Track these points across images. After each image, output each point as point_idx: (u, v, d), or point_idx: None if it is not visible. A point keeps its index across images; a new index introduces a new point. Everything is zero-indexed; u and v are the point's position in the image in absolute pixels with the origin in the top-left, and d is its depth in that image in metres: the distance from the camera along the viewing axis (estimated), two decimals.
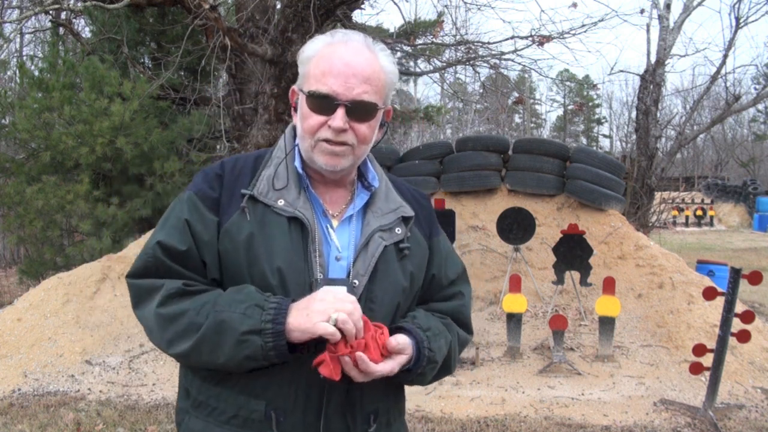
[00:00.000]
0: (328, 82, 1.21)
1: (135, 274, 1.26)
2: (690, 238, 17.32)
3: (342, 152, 1.25)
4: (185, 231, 1.24)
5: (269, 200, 1.25)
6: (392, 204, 1.35)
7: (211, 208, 1.26)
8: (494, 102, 15.31)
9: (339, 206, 1.33)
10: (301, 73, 1.28)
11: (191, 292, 1.21)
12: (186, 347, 1.17)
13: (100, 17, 8.12)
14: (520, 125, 39.67)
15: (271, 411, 1.21)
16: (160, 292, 1.20)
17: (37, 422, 4.07)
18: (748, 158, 31.60)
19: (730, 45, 10.52)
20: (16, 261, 11.28)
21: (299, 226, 1.25)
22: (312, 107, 1.23)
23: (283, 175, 1.29)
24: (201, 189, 1.28)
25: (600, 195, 6.86)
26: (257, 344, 1.13)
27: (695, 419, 4.17)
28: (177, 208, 1.28)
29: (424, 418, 4.16)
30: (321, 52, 1.24)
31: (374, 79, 1.23)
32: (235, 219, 1.24)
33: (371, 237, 1.28)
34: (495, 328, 5.82)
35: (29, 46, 15.23)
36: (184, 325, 1.17)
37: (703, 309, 5.56)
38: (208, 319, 1.16)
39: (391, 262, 1.30)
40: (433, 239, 1.42)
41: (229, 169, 1.31)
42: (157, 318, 1.20)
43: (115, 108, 6.81)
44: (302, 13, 6.14)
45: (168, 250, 1.23)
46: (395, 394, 1.38)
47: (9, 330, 5.45)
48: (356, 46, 1.24)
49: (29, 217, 7.11)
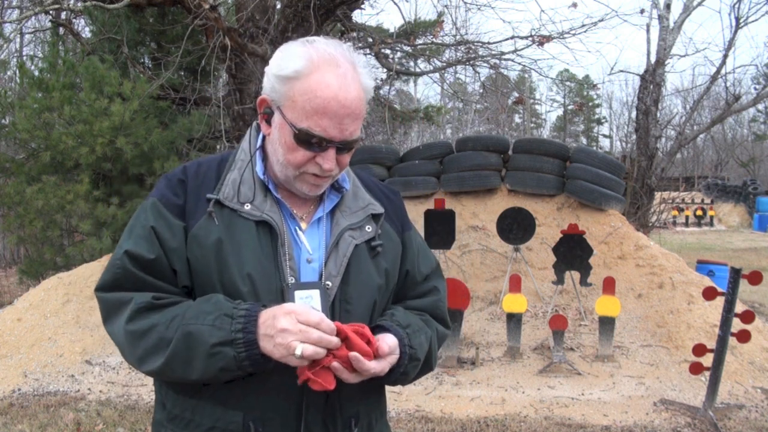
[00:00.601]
0: (322, 123, 1.15)
1: (104, 287, 1.21)
2: (690, 238, 17.33)
3: (324, 183, 1.26)
4: (152, 239, 1.19)
5: (235, 205, 1.22)
6: (361, 202, 1.33)
7: (176, 214, 1.22)
8: (494, 102, 15.31)
9: (307, 208, 1.31)
10: (278, 90, 1.19)
11: (160, 306, 1.16)
12: (158, 365, 1.13)
13: (100, 17, 8.12)
14: (520, 125, 39.67)
15: (249, 421, 1.18)
16: (129, 306, 1.16)
17: (37, 422, 4.08)
18: (748, 158, 31.61)
19: (730, 45, 10.52)
20: (16, 261, 11.28)
21: (268, 230, 1.22)
22: (301, 144, 1.18)
23: (249, 180, 1.26)
24: (164, 195, 1.24)
25: (600, 195, 6.86)
26: (230, 355, 1.09)
27: (695, 419, 4.17)
28: (141, 216, 1.24)
29: (424, 418, 4.16)
30: (308, 78, 1.15)
31: (361, 111, 1.20)
32: (202, 224, 1.20)
33: (341, 236, 1.26)
34: (495, 328, 5.82)
35: (29, 46, 15.24)
36: (154, 341, 1.13)
37: (703, 309, 5.56)
38: (177, 333, 1.11)
39: (364, 261, 1.27)
40: (405, 234, 1.40)
41: (192, 173, 1.27)
42: (127, 335, 1.16)
43: (115, 108, 6.81)
44: (302, 13, 6.14)
45: (136, 260, 1.19)
46: (376, 395, 1.35)
47: (9, 330, 5.45)
48: (346, 74, 1.17)
49: (29, 217, 7.11)
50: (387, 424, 1.42)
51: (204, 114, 7.81)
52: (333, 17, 7.36)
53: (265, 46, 6.33)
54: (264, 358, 1.10)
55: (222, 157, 1.33)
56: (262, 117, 1.26)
